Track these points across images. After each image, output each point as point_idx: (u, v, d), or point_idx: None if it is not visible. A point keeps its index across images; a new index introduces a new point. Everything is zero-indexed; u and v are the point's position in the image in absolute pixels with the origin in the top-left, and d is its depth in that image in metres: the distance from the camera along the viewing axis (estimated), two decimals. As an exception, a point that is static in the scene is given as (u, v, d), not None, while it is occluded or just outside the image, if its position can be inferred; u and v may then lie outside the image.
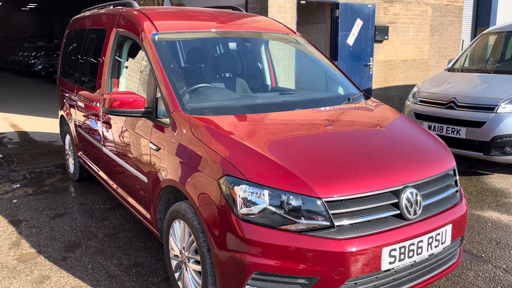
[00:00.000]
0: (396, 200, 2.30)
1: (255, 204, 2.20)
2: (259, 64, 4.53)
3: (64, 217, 4.20)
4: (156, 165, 2.90)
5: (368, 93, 8.61)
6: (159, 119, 2.97)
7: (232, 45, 4.18)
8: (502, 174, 5.45)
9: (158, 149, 2.88)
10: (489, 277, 3.07)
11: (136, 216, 3.45)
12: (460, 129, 5.38)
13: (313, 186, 2.19)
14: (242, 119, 2.87)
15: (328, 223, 2.16)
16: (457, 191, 2.69)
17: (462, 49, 10.92)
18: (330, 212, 2.16)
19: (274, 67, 4.62)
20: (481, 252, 3.44)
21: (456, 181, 2.72)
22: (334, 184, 2.23)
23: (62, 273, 3.16)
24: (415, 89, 6.41)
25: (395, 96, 9.45)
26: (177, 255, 2.75)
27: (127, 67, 3.88)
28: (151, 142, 2.97)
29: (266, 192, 2.20)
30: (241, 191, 2.21)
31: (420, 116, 5.87)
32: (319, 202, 2.16)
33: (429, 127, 5.68)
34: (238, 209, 2.21)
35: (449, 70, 6.68)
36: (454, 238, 2.52)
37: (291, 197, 2.18)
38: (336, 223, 2.16)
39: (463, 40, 11.49)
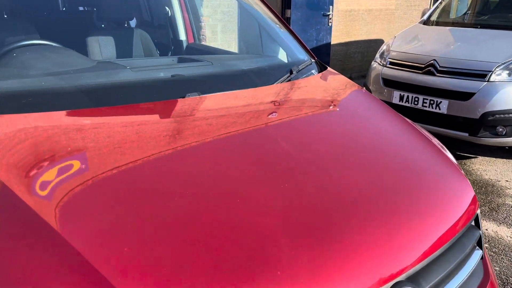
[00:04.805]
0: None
1: None
2: (167, 9, 3.05)
3: None
4: None
5: (326, 49, 7.15)
6: None
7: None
8: (487, 158, 4.36)
9: None
10: None
11: None
12: (440, 102, 4.15)
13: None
14: (56, 126, 1.40)
15: None
16: (482, 258, 1.44)
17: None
18: None
19: (190, 13, 3.13)
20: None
21: (480, 239, 1.46)
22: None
23: None
24: (384, 46, 5.08)
25: (356, 53, 8.13)
26: None
27: None
28: None
29: None
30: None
31: (389, 83, 4.58)
32: None
33: (401, 98, 4.43)
34: None
35: (424, 23, 5.38)
36: None
37: None
38: None
39: (433, -12, 10.19)
